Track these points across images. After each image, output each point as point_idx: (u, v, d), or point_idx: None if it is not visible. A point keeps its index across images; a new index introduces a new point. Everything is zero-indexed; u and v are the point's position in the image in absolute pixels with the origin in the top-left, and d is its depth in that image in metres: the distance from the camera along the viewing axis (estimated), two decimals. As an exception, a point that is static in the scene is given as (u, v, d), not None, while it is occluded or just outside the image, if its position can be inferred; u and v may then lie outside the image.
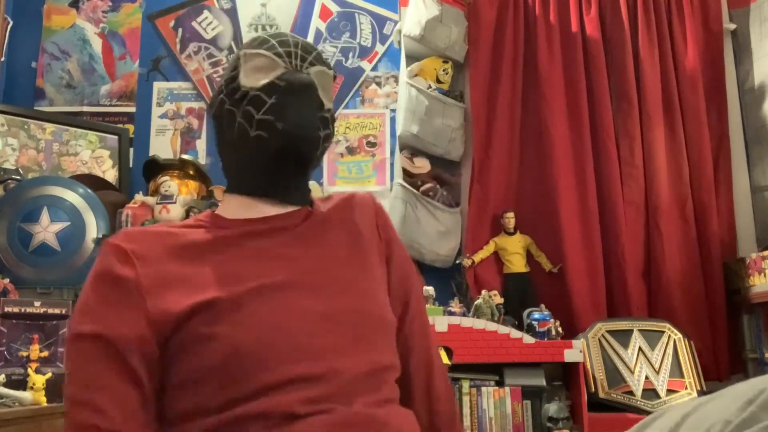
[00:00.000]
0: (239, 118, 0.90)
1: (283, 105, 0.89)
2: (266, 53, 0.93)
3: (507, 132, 2.66)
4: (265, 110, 0.88)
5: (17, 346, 1.88)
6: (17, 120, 2.59)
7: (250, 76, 0.92)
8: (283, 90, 0.90)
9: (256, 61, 0.93)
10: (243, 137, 0.90)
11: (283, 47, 0.94)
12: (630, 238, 2.56)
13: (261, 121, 0.88)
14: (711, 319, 2.52)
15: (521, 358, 2.19)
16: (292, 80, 0.91)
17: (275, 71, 0.92)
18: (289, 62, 0.93)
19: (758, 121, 2.72)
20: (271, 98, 0.89)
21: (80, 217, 2.30)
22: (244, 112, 0.90)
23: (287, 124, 0.88)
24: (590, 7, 2.74)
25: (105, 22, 2.90)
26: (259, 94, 0.89)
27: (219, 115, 0.95)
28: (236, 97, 0.91)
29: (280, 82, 0.90)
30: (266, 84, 0.90)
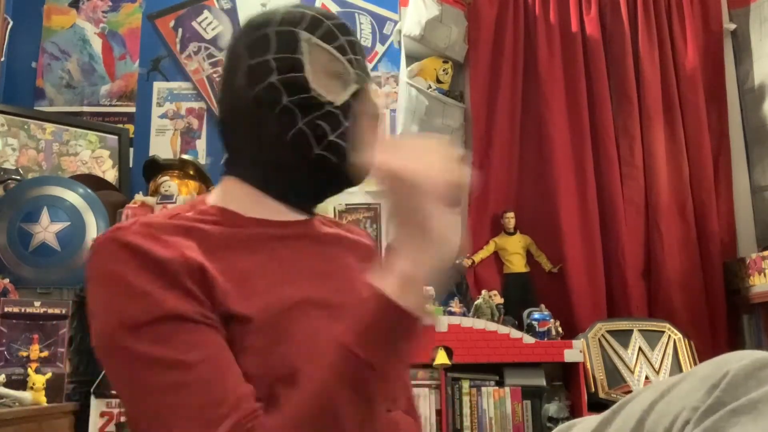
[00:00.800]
0: (302, 125, 0.81)
1: (356, 134, 0.83)
2: (339, 57, 0.84)
3: (507, 132, 2.66)
4: (339, 133, 0.82)
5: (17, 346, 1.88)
6: (17, 120, 2.59)
7: (323, 82, 0.82)
8: (360, 115, 0.84)
9: (327, 62, 0.84)
10: (300, 147, 0.81)
11: (352, 51, 0.86)
12: (630, 238, 2.56)
13: (332, 144, 0.81)
14: (711, 319, 2.52)
15: (521, 358, 2.19)
16: (371, 106, 0.85)
17: (349, 86, 0.85)
18: (358, 74, 0.86)
19: (758, 121, 2.72)
20: (347, 120, 0.83)
21: (80, 217, 2.30)
22: (313, 124, 0.81)
23: (358, 158, 0.80)
24: (590, 7, 2.74)
25: (105, 22, 2.90)
26: (336, 113, 0.82)
27: (264, 100, 0.82)
28: (302, 98, 0.81)
29: (356, 103, 0.84)
30: (345, 103, 0.83)
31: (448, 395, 2.17)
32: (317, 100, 0.81)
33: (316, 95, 0.81)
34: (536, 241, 2.59)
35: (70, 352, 2.04)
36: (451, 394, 2.18)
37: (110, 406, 2.13)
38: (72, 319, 2.08)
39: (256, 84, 0.82)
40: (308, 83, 0.81)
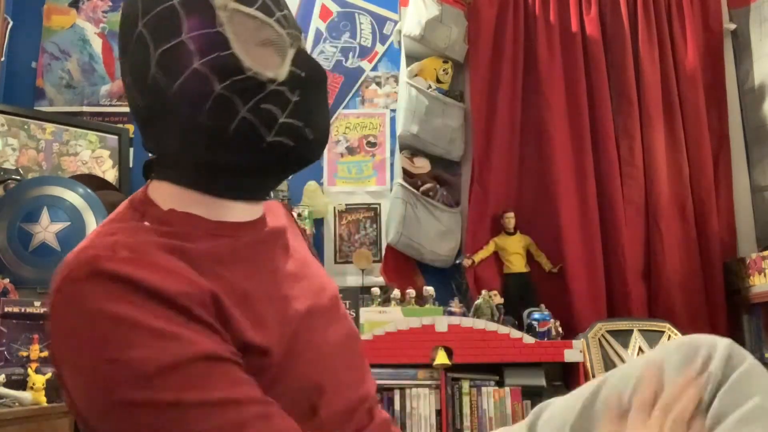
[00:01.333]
0: (244, 113, 0.68)
1: (309, 105, 0.72)
2: (268, 20, 0.70)
3: (507, 132, 2.66)
4: (290, 112, 0.70)
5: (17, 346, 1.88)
6: (17, 120, 2.59)
7: (256, 56, 0.69)
8: (305, 83, 0.72)
9: (255, 30, 0.70)
10: (246, 138, 0.69)
11: (277, 8, 0.72)
12: (630, 238, 2.56)
13: (286, 126, 0.70)
14: (711, 319, 2.52)
15: (521, 358, 2.19)
16: (313, 69, 0.73)
17: (287, 51, 0.71)
18: (290, 34, 0.72)
19: (758, 121, 2.72)
20: (294, 95, 0.70)
21: (80, 217, 2.30)
22: (258, 109, 0.68)
23: (318, 132, 0.73)
24: (590, 7, 2.74)
25: (105, 22, 2.90)
26: (280, 90, 0.69)
27: (190, 93, 0.68)
28: (237, 81, 0.67)
29: (299, 71, 0.71)
30: (288, 75, 0.70)
31: (448, 395, 2.17)
32: (256, 80, 0.68)
33: (253, 74, 0.68)
34: (536, 241, 2.59)
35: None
36: (451, 394, 2.18)
37: (110, 406, 2.13)
38: (72, 319, 2.08)
39: (175, 75, 0.67)
40: (240, 62, 0.68)
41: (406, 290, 2.40)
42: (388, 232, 2.60)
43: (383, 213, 2.70)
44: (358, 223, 2.72)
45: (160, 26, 0.68)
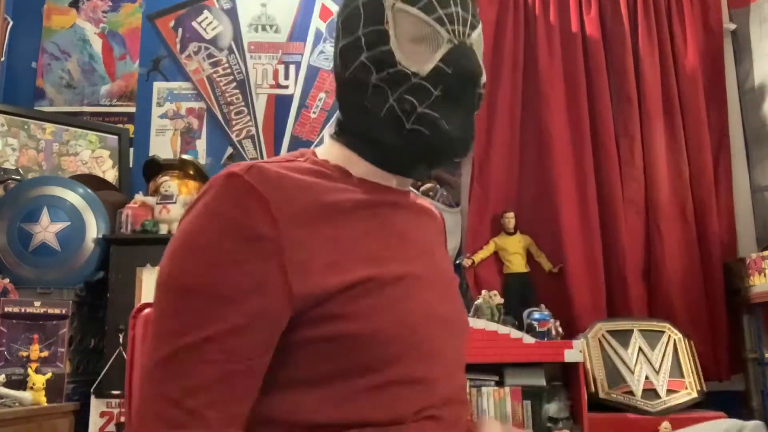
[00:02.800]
0: (392, 101, 0.78)
1: (449, 102, 0.78)
2: (426, 18, 0.78)
3: (507, 132, 2.66)
4: (429, 104, 0.77)
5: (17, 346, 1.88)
6: (17, 120, 2.59)
7: (409, 51, 0.78)
8: (452, 79, 0.78)
9: (413, 26, 0.78)
10: (393, 123, 0.78)
11: (442, 6, 0.79)
12: (630, 238, 2.56)
13: (423, 116, 0.77)
14: (711, 319, 2.52)
15: (521, 358, 2.19)
16: (461, 67, 0.78)
17: (440, 47, 0.78)
18: (453, 30, 0.79)
19: (758, 121, 2.72)
20: (436, 89, 0.77)
21: (80, 217, 2.30)
22: (402, 99, 0.77)
23: (454, 127, 0.78)
24: (590, 7, 2.74)
25: (105, 22, 2.90)
26: (423, 84, 0.77)
27: (357, 81, 0.80)
28: (389, 74, 0.78)
29: (447, 67, 0.78)
30: (432, 70, 0.77)
31: (448, 395, 2.17)
32: (404, 73, 0.77)
33: (402, 68, 0.77)
34: (536, 241, 2.59)
35: (70, 352, 2.05)
36: (451, 394, 2.18)
37: (110, 406, 2.13)
38: (72, 319, 2.08)
39: (349, 65, 0.81)
40: (394, 56, 0.78)
41: (406, 290, 2.39)
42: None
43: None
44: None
45: (347, 21, 0.83)
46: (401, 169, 0.84)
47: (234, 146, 2.79)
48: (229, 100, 2.82)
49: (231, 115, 2.81)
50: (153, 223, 2.32)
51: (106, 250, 2.30)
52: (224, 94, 2.83)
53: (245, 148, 2.78)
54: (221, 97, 2.82)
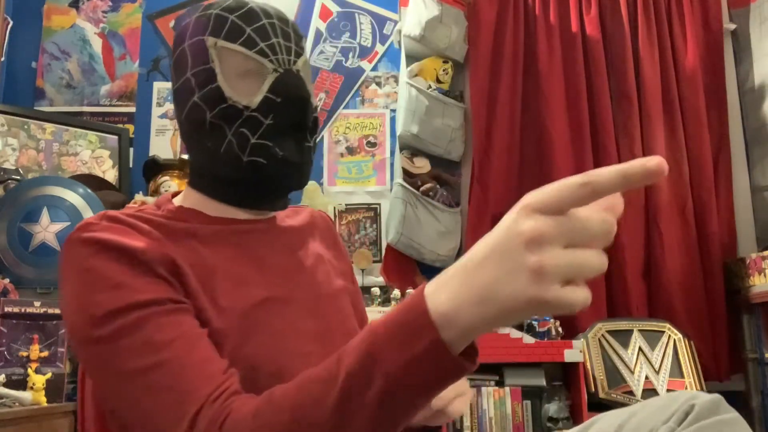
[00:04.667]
0: (230, 136, 0.80)
1: (281, 128, 0.81)
2: (249, 54, 0.81)
3: (507, 132, 2.66)
4: (261, 133, 0.80)
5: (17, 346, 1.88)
6: (17, 120, 2.59)
7: (236, 86, 0.81)
8: (281, 107, 0.81)
9: (237, 62, 0.81)
10: (233, 158, 0.81)
11: (263, 39, 0.82)
12: (630, 238, 2.56)
13: (257, 146, 0.80)
14: (711, 319, 2.52)
15: (521, 358, 2.19)
16: (290, 94, 0.81)
17: (266, 79, 0.81)
18: (276, 60, 0.82)
19: (758, 121, 2.72)
20: (267, 118, 0.80)
21: (80, 217, 2.30)
22: (237, 133, 0.80)
23: (289, 153, 0.81)
24: (590, 7, 2.74)
25: (105, 22, 2.90)
26: (255, 115, 0.80)
27: (194, 121, 0.83)
28: (222, 110, 0.80)
29: (276, 96, 0.81)
30: (262, 101, 0.80)
31: (448, 395, 2.17)
32: (235, 108, 0.80)
33: (232, 103, 0.80)
34: (536, 241, 2.59)
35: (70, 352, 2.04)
36: (451, 394, 2.18)
37: (110, 406, 2.12)
38: (72, 319, 2.08)
39: (183, 107, 0.84)
40: (224, 92, 0.80)
41: (406, 290, 2.40)
42: (388, 232, 2.60)
43: (383, 213, 2.70)
44: (358, 223, 2.72)
45: (176, 65, 0.85)
46: (249, 203, 0.86)
47: (234, 146, 2.78)
48: (229, 100, 2.82)
49: (231, 115, 2.81)
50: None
51: (106, 250, 2.30)
52: (224, 94, 2.83)
53: (245, 148, 2.78)
54: (221, 97, 2.82)
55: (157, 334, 0.67)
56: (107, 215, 0.75)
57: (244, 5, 0.83)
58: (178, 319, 0.70)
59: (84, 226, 0.74)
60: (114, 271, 0.70)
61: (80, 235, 0.73)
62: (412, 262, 2.61)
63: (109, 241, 0.71)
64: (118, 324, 0.68)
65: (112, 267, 0.70)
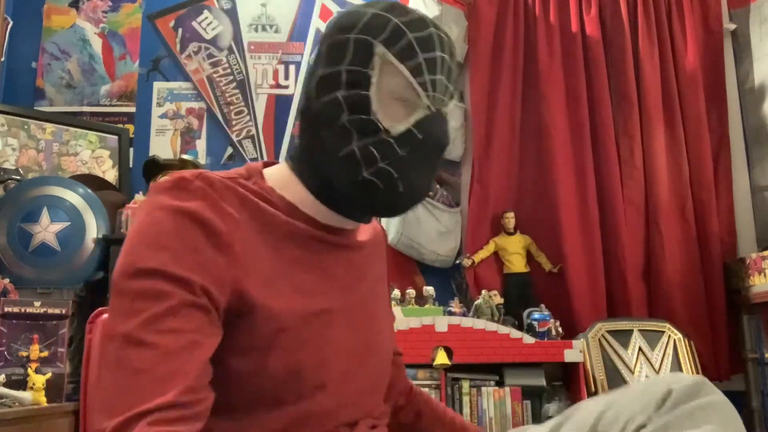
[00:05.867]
0: (355, 146, 0.77)
1: (411, 164, 0.78)
2: (412, 80, 0.77)
3: (507, 132, 2.66)
4: (391, 161, 0.77)
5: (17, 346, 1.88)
6: (17, 120, 2.59)
7: (385, 105, 0.77)
8: (421, 145, 0.78)
9: (396, 83, 0.77)
10: (350, 166, 0.77)
11: (430, 71, 0.78)
12: (630, 238, 2.56)
13: (382, 170, 0.77)
14: (711, 319, 2.52)
15: (521, 358, 2.19)
16: (433, 135, 0.79)
17: (415, 111, 0.78)
18: (433, 97, 0.79)
19: (758, 121, 2.72)
20: (402, 149, 0.77)
21: (80, 217, 2.30)
22: (365, 147, 0.76)
23: (407, 188, 0.78)
24: (590, 7, 2.74)
25: (105, 22, 2.90)
26: (391, 142, 0.77)
27: (326, 114, 0.79)
28: (361, 120, 0.77)
29: (419, 132, 0.78)
30: (404, 132, 0.77)
31: (448, 395, 2.17)
32: (374, 125, 0.77)
33: (374, 119, 0.77)
34: (536, 241, 2.59)
35: (70, 352, 2.04)
36: (451, 394, 2.18)
37: (110, 406, 2.12)
38: (72, 319, 2.08)
39: (323, 95, 0.79)
40: (370, 104, 0.77)
41: (406, 290, 2.40)
42: (388, 232, 2.60)
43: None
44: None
45: (332, 50, 0.80)
46: (344, 211, 0.83)
47: (234, 146, 2.79)
48: (229, 100, 2.82)
49: (231, 115, 2.81)
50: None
51: (106, 250, 2.30)
52: (224, 94, 2.83)
53: (245, 148, 2.78)
54: (221, 97, 2.82)
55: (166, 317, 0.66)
56: (202, 175, 0.74)
57: (425, 27, 0.80)
58: (196, 315, 0.68)
59: (179, 179, 0.73)
60: (177, 235, 0.69)
61: (170, 185, 0.72)
62: (412, 262, 2.61)
63: (191, 209, 0.70)
64: (143, 284, 0.67)
65: (178, 229, 0.69)
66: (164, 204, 0.71)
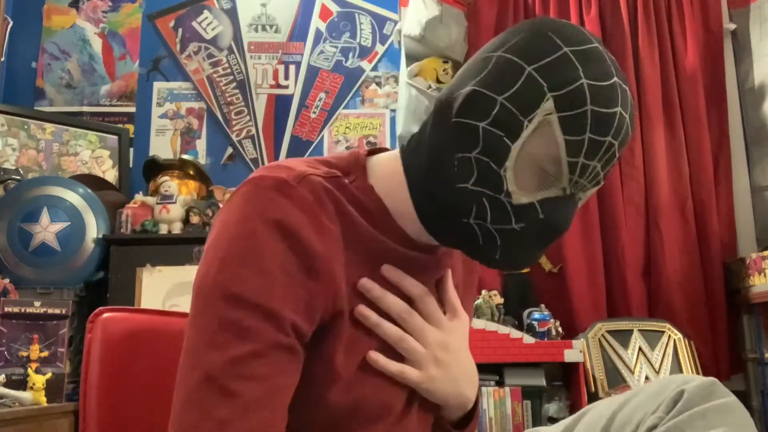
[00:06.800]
0: (471, 185, 0.68)
1: (520, 239, 0.69)
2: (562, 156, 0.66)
3: (507, 132, 2.66)
4: (501, 228, 0.69)
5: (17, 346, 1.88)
6: (17, 120, 2.59)
7: (521, 166, 0.67)
8: (538, 225, 0.68)
9: (545, 153, 0.66)
10: (456, 203, 0.70)
11: (587, 156, 0.65)
12: (630, 238, 2.56)
13: (488, 230, 0.69)
14: (711, 319, 2.52)
15: (521, 358, 2.19)
16: (556, 220, 0.69)
17: (549, 188, 0.68)
18: (574, 182, 0.67)
19: (758, 121, 2.72)
20: (517, 224, 0.68)
21: (80, 217, 2.30)
22: (479, 196, 0.68)
23: (504, 258, 0.71)
24: (590, 7, 2.74)
25: (105, 22, 2.90)
26: (507, 208, 0.68)
27: (457, 133, 0.69)
28: (488, 167, 0.67)
29: (541, 212, 0.68)
30: (525, 205, 0.68)
31: (448, 395, 2.17)
32: (499, 181, 0.67)
33: (502, 174, 0.67)
34: (536, 241, 2.59)
35: (70, 352, 2.04)
36: (451, 394, 2.18)
37: (110, 406, 2.12)
38: (72, 319, 2.08)
39: (467, 113, 0.68)
40: (506, 158, 0.66)
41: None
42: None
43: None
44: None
45: (502, 72, 0.67)
46: (431, 233, 0.75)
47: (234, 146, 2.78)
48: (229, 100, 2.82)
49: (231, 115, 2.81)
50: (153, 223, 2.32)
51: (106, 250, 2.30)
52: (224, 94, 2.83)
53: (245, 148, 2.78)
54: (221, 97, 2.82)
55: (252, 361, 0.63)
56: (306, 180, 0.68)
57: (612, 104, 0.65)
58: (281, 357, 0.65)
59: (282, 182, 0.67)
60: (275, 259, 0.65)
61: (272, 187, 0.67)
62: (412, 262, 2.61)
63: (291, 225, 0.65)
64: (233, 314, 0.63)
65: (276, 252, 0.65)
66: (264, 215, 0.66)
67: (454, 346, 0.80)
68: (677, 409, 0.74)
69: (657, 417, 0.75)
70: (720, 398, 0.74)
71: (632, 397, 0.81)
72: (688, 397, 0.74)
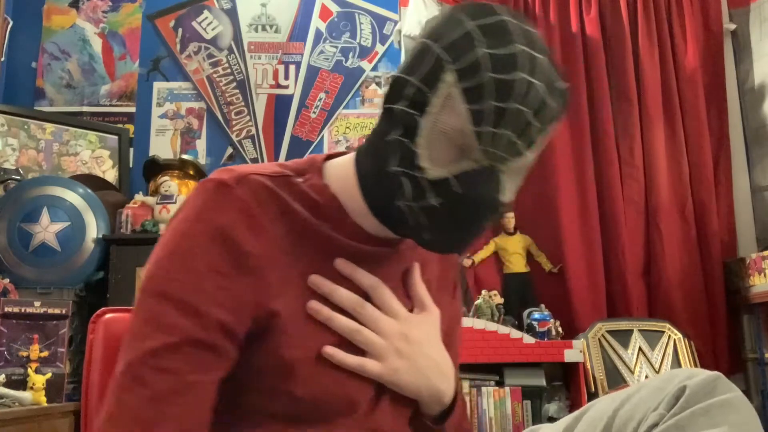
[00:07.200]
0: (394, 171, 0.69)
1: (445, 217, 0.68)
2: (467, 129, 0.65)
3: (507, 132, 2.66)
4: (422, 206, 0.68)
5: (17, 346, 1.88)
6: (17, 120, 2.59)
7: (433, 139, 0.67)
8: (457, 200, 0.67)
9: (452, 124, 0.66)
10: (389, 186, 0.70)
11: (496, 124, 0.64)
12: (630, 238, 2.56)
13: (413, 211, 0.69)
14: (711, 319, 2.52)
15: (521, 358, 2.19)
16: (473, 194, 0.67)
17: (462, 160, 0.67)
18: (486, 151, 0.66)
19: (758, 121, 2.72)
20: (434, 198, 0.67)
21: (80, 217, 2.30)
22: (404, 182, 0.69)
23: (435, 240, 0.71)
24: (590, 7, 2.74)
25: (105, 22, 2.90)
26: (423, 185, 0.68)
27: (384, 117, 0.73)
28: (403, 145, 0.68)
29: (459, 185, 0.67)
30: (440, 180, 0.67)
31: (448, 395, 2.17)
32: (411, 156, 0.68)
33: (416, 152, 0.68)
34: (536, 241, 2.59)
35: (70, 352, 2.04)
36: (451, 394, 2.18)
37: (110, 406, 2.12)
38: (72, 319, 2.08)
39: (392, 97, 0.71)
40: (419, 131, 0.67)
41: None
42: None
43: (383, 213, 2.70)
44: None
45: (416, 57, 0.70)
46: (385, 225, 0.76)
47: (234, 146, 2.79)
48: (229, 100, 2.82)
49: (231, 115, 2.81)
50: (153, 223, 2.32)
51: (106, 250, 2.30)
52: (224, 94, 2.83)
53: (245, 148, 2.78)
54: (221, 97, 2.82)
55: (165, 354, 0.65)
56: (247, 179, 0.71)
57: (514, 70, 0.64)
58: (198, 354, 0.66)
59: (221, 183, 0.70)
60: (205, 258, 0.67)
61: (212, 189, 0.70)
62: (412, 262, 2.61)
63: (225, 224, 0.68)
64: (158, 309, 0.67)
65: (208, 251, 0.68)
66: (201, 214, 0.69)
67: (417, 337, 0.78)
68: (679, 405, 0.72)
69: (658, 414, 0.73)
70: (723, 394, 0.72)
71: (634, 393, 0.80)
72: (690, 393, 0.72)
